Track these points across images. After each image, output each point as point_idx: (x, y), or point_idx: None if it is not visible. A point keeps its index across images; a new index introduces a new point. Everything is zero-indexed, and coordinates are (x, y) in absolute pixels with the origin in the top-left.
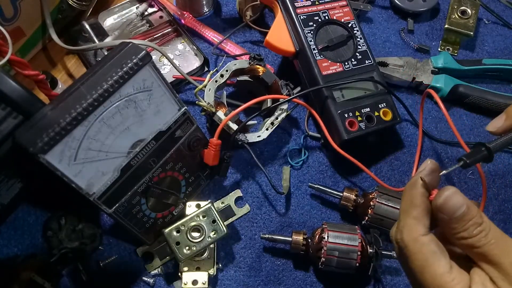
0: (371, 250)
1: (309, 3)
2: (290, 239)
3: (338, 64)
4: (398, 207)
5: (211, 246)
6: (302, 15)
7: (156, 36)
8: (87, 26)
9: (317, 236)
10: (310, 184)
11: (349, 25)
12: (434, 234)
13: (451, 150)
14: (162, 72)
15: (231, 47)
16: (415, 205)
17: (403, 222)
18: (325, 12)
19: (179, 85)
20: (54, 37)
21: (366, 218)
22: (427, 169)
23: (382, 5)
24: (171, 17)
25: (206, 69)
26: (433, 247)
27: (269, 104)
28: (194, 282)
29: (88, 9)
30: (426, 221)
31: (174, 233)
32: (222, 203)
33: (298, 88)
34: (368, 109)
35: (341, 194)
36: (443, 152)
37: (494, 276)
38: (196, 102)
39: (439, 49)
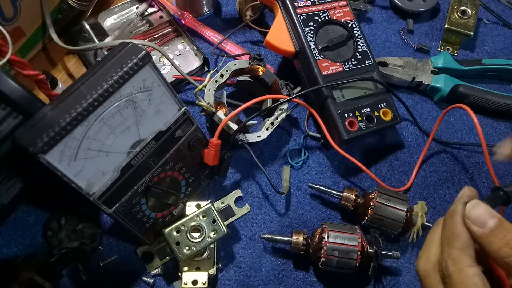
0: (371, 250)
1: (309, 3)
2: (290, 239)
3: (338, 64)
4: (398, 207)
5: (211, 246)
6: (302, 15)
7: (156, 36)
8: (87, 26)
9: (317, 236)
10: (310, 184)
11: (349, 25)
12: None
13: (451, 150)
14: (162, 72)
15: (231, 47)
16: (457, 235)
17: (448, 252)
18: (325, 12)
19: (179, 85)
20: (54, 37)
21: (366, 218)
22: (465, 197)
23: (382, 5)
24: (171, 17)
25: (206, 69)
26: (477, 281)
27: (269, 104)
28: (194, 282)
29: (88, 9)
30: (471, 251)
31: (174, 233)
32: (222, 203)
33: (298, 88)
34: (368, 109)
35: (341, 194)
36: (443, 152)
37: None
38: (196, 102)
39: (439, 49)
